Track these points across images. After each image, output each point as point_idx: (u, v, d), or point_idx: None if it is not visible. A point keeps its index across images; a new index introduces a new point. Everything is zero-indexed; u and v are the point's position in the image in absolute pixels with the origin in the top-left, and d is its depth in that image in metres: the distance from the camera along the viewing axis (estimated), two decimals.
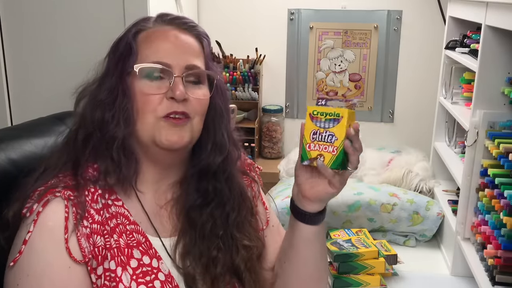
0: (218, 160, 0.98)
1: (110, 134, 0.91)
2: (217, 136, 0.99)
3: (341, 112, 0.91)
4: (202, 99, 0.95)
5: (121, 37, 0.97)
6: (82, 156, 0.92)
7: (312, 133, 0.93)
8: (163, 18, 0.98)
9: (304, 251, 1.02)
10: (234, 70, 2.39)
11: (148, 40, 0.94)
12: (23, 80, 1.82)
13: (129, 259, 0.89)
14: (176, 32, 0.96)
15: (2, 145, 1.03)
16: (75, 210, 0.87)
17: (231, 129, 1.03)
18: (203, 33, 1.00)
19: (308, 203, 0.97)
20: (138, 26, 0.96)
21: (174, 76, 0.91)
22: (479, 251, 1.43)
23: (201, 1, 2.45)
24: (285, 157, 2.37)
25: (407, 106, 2.43)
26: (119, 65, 0.93)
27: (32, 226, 0.85)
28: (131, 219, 0.93)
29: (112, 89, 0.92)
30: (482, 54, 1.43)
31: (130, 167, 0.93)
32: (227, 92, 1.04)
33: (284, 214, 1.75)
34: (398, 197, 1.80)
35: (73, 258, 0.85)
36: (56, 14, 1.76)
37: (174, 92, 0.90)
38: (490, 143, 1.38)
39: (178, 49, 0.93)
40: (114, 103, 0.91)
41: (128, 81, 0.92)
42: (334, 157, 0.91)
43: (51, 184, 0.89)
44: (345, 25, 2.39)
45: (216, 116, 0.99)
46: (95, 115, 0.92)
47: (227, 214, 1.00)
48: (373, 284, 1.51)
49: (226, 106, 1.02)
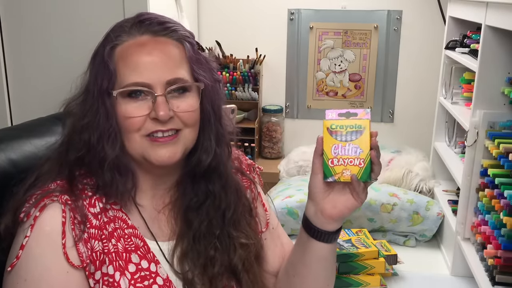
0: (206, 161, 0.95)
1: (100, 156, 0.89)
2: (205, 139, 0.96)
3: (362, 123, 0.89)
4: (190, 111, 0.90)
5: (97, 52, 0.92)
6: (76, 169, 0.91)
7: (334, 148, 0.90)
8: (139, 25, 0.91)
9: (317, 268, 1.00)
10: (234, 70, 2.39)
11: (124, 56, 0.88)
12: (23, 80, 1.82)
13: (127, 264, 0.88)
14: (153, 43, 0.89)
15: (2, 145, 1.03)
16: (72, 215, 0.86)
17: (223, 127, 0.99)
18: (184, 35, 0.92)
19: (330, 223, 0.95)
20: (112, 40, 0.90)
21: (156, 95, 0.87)
22: (479, 251, 1.43)
23: (201, 1, 2.45)
24: (285, 157, 2.37)
25: (407, 106, 2.43)
26: (97, 84, 0.89)
27: (29, 231, 0.84)
28: (129, 223, 0.92)
29: (94, 111, 0.89)
30: (482, 54, 1.43)
31: (126, 182, 0.91)
32: (217, 89, 0.97)
33: (284, 214, 1.75)
34: (398, 197, 1.80)
35: (71, 263, 0.84)
36: (56, 14, 1.76)
37: (157, 113, 0.86)
38: (490, 143, 1.38)
39: (157, 64, 0.87)
40: (98, 125, 0.88)
41: (109, 102, 0.88)
42: (362, 170, 0.89)
43: (48, 189, 0.88)
44: (345, 25, 2.39)
45: (204, 121, 0.95)
46: (82, 137, 0.90)
47: (223, 213, 0.98)
48: (373, 284, 1.51)
49: (216, 105, 0.96)
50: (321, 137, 0.91)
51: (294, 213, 1.76)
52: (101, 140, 0.88)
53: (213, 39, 2.40)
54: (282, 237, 1.13)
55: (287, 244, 1.13)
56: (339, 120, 0.90)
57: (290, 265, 1.05)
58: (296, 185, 1.95)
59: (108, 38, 0.91)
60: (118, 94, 0.87)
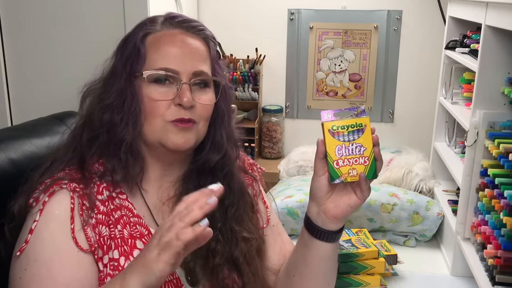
0: (215, 158, 1.00)
1: (118, 136, 0.93)
2: (216, 136, 1.00)
3: (363, 121, 0.90)
4: (208, 104, 0.97)
5: (128, 37, 0.97)
6: (88, 153, 0.94)
7: (337, 149, 0.90)
8: (171, 20, 0.98)
9: (319, 268, 1.01)
10: (234, 70, 2.40)
11: (156, 44, 0.95)
12: (23, 80, 1.82)
13: (132, 249, 0.91)
14: (183, 36, 0.96)
15: (2, 145, 1.03)
16: (81, 201, 0.89)
17: (231, 128, 1.04)
18: (210, 36, 1.00)
19: (333, 222, 0.96)
20: (146, 28, 0.96)
21: (181, 83, 0.92)
22: (479, 251, 1.43)
23: (201, 1, 2.45)
24: (285, 157, 2.37)
25: (407, 106, 2.43)
26: (127, 67, 0.94)
27: (38, 215, 0.87)
28: (134, 212, 0.95)
29: (121, 92, 0.94)
30: (482, 54, 1.43)
31: (136, 166, 0.95)
32: (230, 92, 1.05)
33: (284, 214, 1.75)
34: (398, 197, 1.80)
35: (80, 247, 0.87)
36: (56, 14, 1.76)
37: (181, 99, 0.92)
38: (490, 143, 1.38)
39: (186, 55, 0.94)
40: (123, 106, 0.93)
41: (136, 84, 0.93)
42: (368, 167, 0.90)
43: (58, 177, 0.91)
44: (345, 25, 2.39)
45: (217, 118, 1.00)
46: (104, 117, 0.94)
47: (226, 208, 1.00)
48: (373, 284, 1.51)
49: (228, 106, 1.04)
50: (321, 140, 0.91)
51: (294, 213, 1.76)
52: (124, 120, 0.93)
53: None
54: (282, 235, 1.14)
55: (287, 243, 1.14)
56: (339, 120, 0.90)
57: (291, 265, 1.05)
58: (296, 185, 1.95)
59: (141, 25, 0.98)
60: (147, 77, 0.92)
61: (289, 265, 1.06)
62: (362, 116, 0.90)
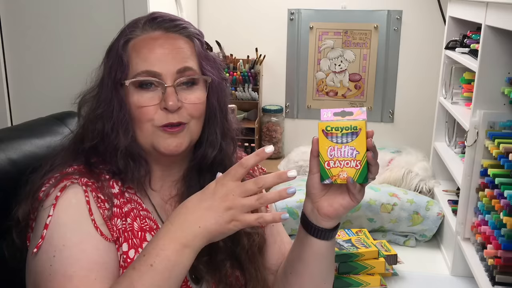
0: (211, 154, 0.99)
1: (112, 145, 0.93)
2: (211, 133, 1.00)
3: (358, 124, 0.88)
4: (198, 103, 0.95)
5: (112, 45, 0.96)
6: (90, 159, 0.94)
7: (330, 150, 0.89)
8: (151, 22, 0.96)
9: (314, 265, 1.01)
10: (234, 70, 2.40)
11: (137, 48, 0.93)
12: (23, 80, 1.82)
13: (142, 242, 0.92)
14: (164, 37, 0.95)
15: (2, 145, 1.03)
16: (95, 195, 0.89)
17: (229, 124, 1.03)
18: (194, 32, 0.98)
19: (326, 220, 0.96)
20: (126, 35, 0.95)
21: (165, 86, 0.91)
22: (479, 251, 1.43)
23: (201, 1, 2.45)
24: (285, 157, 2.37)
25: (407, 106, 2.43)
26: (112, 75, 0.93)
27: (52, 210, 0.86)
28: (143, 206, 0.96)
29: (108, 102, 0.93)
30: (482, 54, 1.43)
31: (140, 169, 0.95)
32: (223, 86, 1.01)
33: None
34: (398, 197, 1.80)
35: (105, 237, 0.87)
36: (56, 14, 1.76)
37: (167, 103, 0.91)
38: (490, 143, 1.38)
39: (167, 55, 0.92)
40: (112, 115, 0.93)
41: (122, 93, 0.93)
42: (359, 171, 0.88)
43: (67, 172, 0.91)
44: (345, 25, 2.39)
45: (210, 115, 0.99)
46: (96, 127, 0.94)
47: None
48: (373, 284, 1.51)
49: (222, 102, 1.01)
50: (316, 138, 0.91)
51: (294, 213, 1.76)
52: (114, 129, 0.93)
53: (213, 39, 2.40)
54: (282, 235, 1.14)
55: (287, 243, 1.14)
56: (334, 121, 0.89)
57: (287, 263, 1.06)
58: (296, 185, 1.94)
59: (122, 33, 0.97)
60: (130, 84, 0.92)
61: (285, 264, 1.07)
62: (359, 119, 0.89)
